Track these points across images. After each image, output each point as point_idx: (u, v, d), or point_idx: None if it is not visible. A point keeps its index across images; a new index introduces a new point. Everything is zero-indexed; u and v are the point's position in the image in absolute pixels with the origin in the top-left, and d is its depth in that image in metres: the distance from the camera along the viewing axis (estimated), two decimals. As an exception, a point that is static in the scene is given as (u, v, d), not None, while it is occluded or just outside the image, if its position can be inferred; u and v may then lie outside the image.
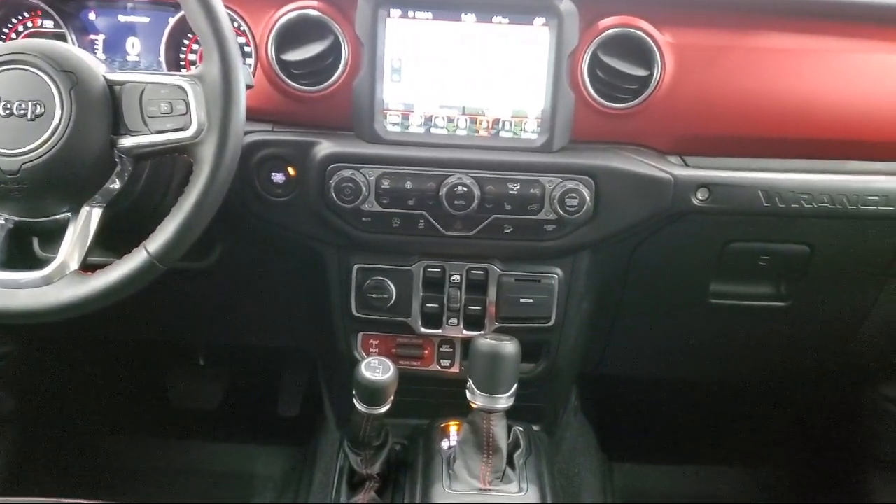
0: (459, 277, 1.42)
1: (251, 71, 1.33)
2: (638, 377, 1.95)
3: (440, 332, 1.45)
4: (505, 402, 1.29)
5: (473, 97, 1.32)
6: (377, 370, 1.28)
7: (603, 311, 1.57)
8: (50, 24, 1.39)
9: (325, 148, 1.32)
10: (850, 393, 1.97)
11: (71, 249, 1.10)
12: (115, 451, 2.10)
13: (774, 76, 1.33)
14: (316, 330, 1.60)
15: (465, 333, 1.44)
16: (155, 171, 1.25)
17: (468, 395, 1.30)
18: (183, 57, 1.40)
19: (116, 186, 1.13)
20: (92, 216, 1.12)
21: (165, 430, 2.14)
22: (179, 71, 1.40)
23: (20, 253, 1.36)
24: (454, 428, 1.45)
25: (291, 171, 1.33)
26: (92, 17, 1.39)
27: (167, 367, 2.24)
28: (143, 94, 1.08)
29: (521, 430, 1.44)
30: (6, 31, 1.41)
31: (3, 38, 1.40)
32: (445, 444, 1.42)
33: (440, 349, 1.49)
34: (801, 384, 2.01)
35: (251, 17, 1.32)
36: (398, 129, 1.33)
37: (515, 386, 1.30)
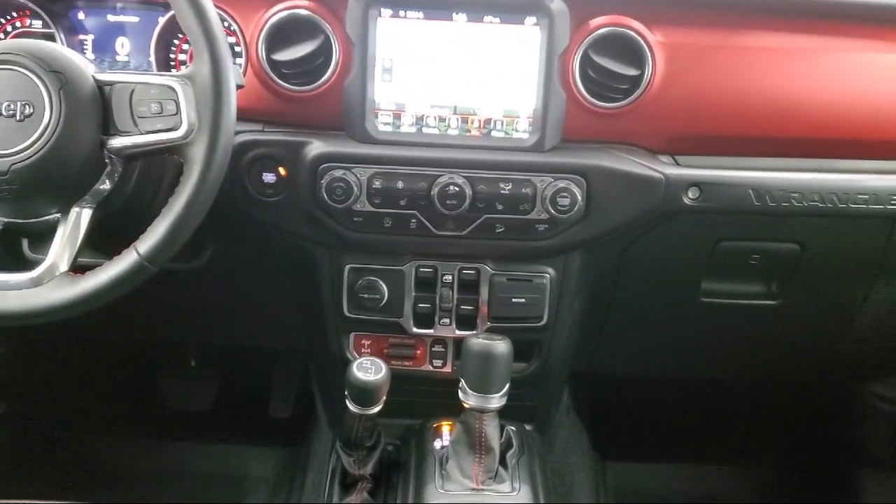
0: (451, 277, 1.42)
1: (241, 71, 1.32)
2: (630, 376, 1.95)
3: (432, 332, 1.45)
4: (497, 401, 1.29)
5: (465, 97, 1.32)
6: (369, 370, 1.28)
7: (595, 310, 1.57)
8: (38, 23, 1.38)
9: (316, 148, 1.31)
10: (840, 391, 1.98)
11: (61, 251, 1.09)
12: (106, 452, 2.10)
13: (765, 75, 1.34)
14: (308, 330, 1.60)
15: (457, 333, 1.44)
16: (145, 171, 1.25)
17: (460, 394, 1.30)
18: (173, 57, 1.39)
19: (106, 187, 1.12)
20: (82, 217, 1.11)
21: (157, 431, 2.13)
22: (169, 71, 1.39)
23: (9, 254, 1.36)
24: (447, 428, 1.45)
25: (282, 171, 1.33)
26: (81, 16, 1.38)
27: (158, 368, 2.23)
28: (132, 94, 1.08)
29: (513, 429, 1.44)
30: (-6, 31, 1.40)
31: (-9, 38, 1.40)
32: (438, 444, 1.42)
33: (432, 349, 1.49)
34: (792, 382, 2.02)
35: (241, 16, 1.32)
36: (389, 128, 1.33)
37: (508, 385, 1.30)
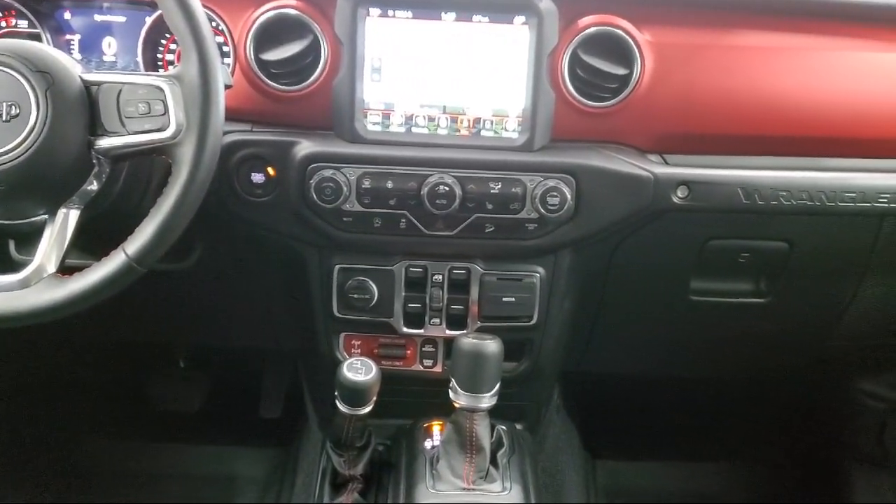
0: (441, 277, 1.41)
1: (230, 70, 1.32)
2: (620, 374, 1.96)
3: (423, 331, 1.45)
4: (488, 401, 1.29)
5: (454, 96, 1.32)
6: (359, 371, 1.28)
7: (585, 309, 1.57)
8: (24, 23, 1.37)
9: (304, 148, 1.31)
10: (829, 388, 1.99)
11: (48, 252, 1.08)
12: (96, 453, 2.09)
13: (753, 74, 1.34)
14: (297, 331, 1.59)
15: (447, 333, 1.44)
16: (133, 172, 1.24)
17: (451, 394, 1.30)
18: (161, 57, 1.39)
19: (94, 188, 1.11)
20: (69, 218, 1.10)
21: (147, 432, 2.13)
22: (157, 71, 1.38)
23: (-4, 256, 1.35)
24: (437, 428, 1.45)
25: (271, 171, 1.33)
26: (67, 16, 1.38)
27: (148, 369, 2.22)
28: (120, 94, 1.07)
29: (504, 428, 1.44)
30: (-20, 31, 1.39)
31: (-24, 38, 1.38)
32: (429, 444, 1.42)
33: (423, 349, 1.49)
34: (781, 380, 2.03)
35: (229, 16, 1.31)
36: (379, 128, 1.33)
37: (498, 385, 1.30)
